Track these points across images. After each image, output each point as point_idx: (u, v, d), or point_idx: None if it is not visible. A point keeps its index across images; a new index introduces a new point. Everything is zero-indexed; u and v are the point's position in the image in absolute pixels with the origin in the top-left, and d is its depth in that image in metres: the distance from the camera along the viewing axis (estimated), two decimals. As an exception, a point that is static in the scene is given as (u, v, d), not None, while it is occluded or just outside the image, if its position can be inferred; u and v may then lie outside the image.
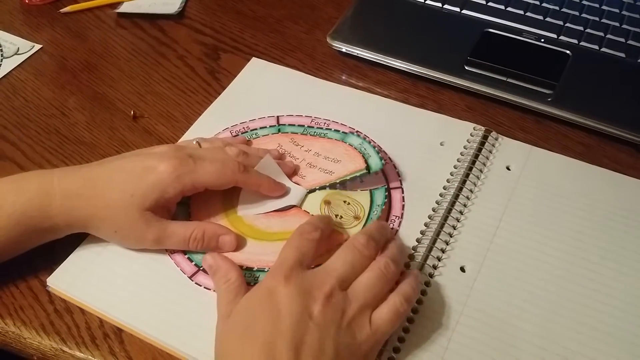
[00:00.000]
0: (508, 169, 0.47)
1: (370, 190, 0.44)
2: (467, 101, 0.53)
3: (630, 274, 0.40)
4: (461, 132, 0.49)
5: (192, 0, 0.63)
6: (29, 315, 0.39)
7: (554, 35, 0.55)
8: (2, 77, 0.55)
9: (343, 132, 0.49)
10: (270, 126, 0.49)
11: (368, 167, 0.44)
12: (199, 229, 0.40)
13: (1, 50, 0.57)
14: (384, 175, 0.46)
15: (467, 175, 0.45)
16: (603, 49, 0.54)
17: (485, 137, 0.48)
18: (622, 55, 0.54)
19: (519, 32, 0.56)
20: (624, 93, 0.52)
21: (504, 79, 0.52)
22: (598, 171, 0.47)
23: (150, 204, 0.39)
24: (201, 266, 0.40)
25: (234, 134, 0.49)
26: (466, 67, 0.53)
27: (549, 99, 0.51)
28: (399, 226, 0.43)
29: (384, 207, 0.43)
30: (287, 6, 0.63)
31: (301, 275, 0.35)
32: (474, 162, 0.46)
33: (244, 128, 0.49)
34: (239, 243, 0.41)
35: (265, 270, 0.40)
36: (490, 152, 0.47)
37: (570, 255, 0.41)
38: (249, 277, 0.39)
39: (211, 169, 0.40)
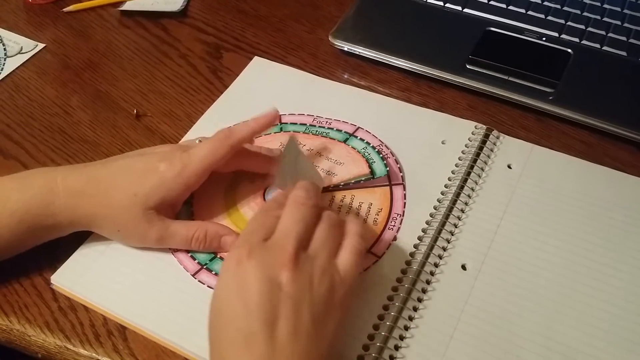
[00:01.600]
0: (509, 167, 0.47)
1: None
2: (468, 100, 0.53)
3: (632, 272, 0.41)
4: (463, 131, 0.49)
5: (195, -1, 0.63)
6: (33, 313, 0.39)
7: (556, 34, 0.55)
8: (5, 76, 0.55)
9: (345, 132, 0.49)
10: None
11: (372, 173, 0.45)
12: (201, 229, 0.40)
13: (5, 50, 0.58)
14: (384, 164, 0.46)
15: (469, 174, 0.46)
16: (604, 48, 0.54)
17: (486, 136, 0.48)
18: (624, 53, 0.54)
19: (521, 30, 0.56)
20: (626, 91, 0.52)
21: (506, 77, 0.52)
22: (599, 170, 0.47)
23: (154, 203, 0.39)
24: (204, 264, 0.41)
25: None
26: (468, 66, 0.53)
27: (551, 98, 0.51)
28: (400, 224, 0.43)
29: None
30: (289, 5, 0.63)
31: (261, 246, 0.34)
32: (475, 161, 0.46)
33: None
34: None
35: None
36: (492, 150, 0.48)
37: (571, 254, 0.41)
38: None
39: (203, 150, 0.40)
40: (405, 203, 0.44)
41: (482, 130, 0.48)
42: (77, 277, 0.40)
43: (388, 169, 0.46)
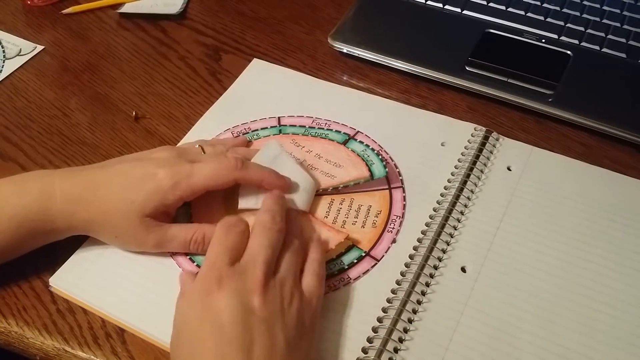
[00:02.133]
0: (509, 169, 0.47)
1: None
2: (468, 102, 0.53)
3: (631, 274, 0.40)
4: (462, 133, 0.49)
5: (194, 1, 0.63)
6: (31, 315, 0.39)
7: (555, 36, 0.55)
8: (4, 78, 0.55)
9: (344, 133, 0.49)
10: (271, 127, 0.50)
11: (372, 175, 0.45)
12: (199, 232, 0.40)
13: (3, 52, 0.57)
14: (383, 165, 0.46)
15: (468, 176, 0.46)
16: (604, 50, 0.54)
17: (486, 138, 0.48)
18: (623, 55, 0.54)
19: (520, 32, 0.56)
20: (625, 93, 0.52)
21: (505, 79, 0.52)
22: (599, 171, 0.47)
23: (150, 211, 0.39)
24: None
25: (235, 134, 0.49)
26: (467, 68, 0.53)
27: (550, 100, 0.51)
28: (399, 226, 0.43)
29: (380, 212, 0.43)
30: (288, 7, 0.63)
31: (231, 274, 0.34)
32: (474, 163, 0.46)
33: (245, 129, 0.49)
34: None
35: None
36: (491, 152, 0.48)
37: (571, 256, 0.41)
38: None
39: (207, 171, 0.40)
40: (404, 205, 0.44)
41: (482, 132, 0.48)
42: (76, 279, 0.40)
43: (387, 170, 0.46)
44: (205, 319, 0.33)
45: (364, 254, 0.41)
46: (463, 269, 0.41)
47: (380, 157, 0.47)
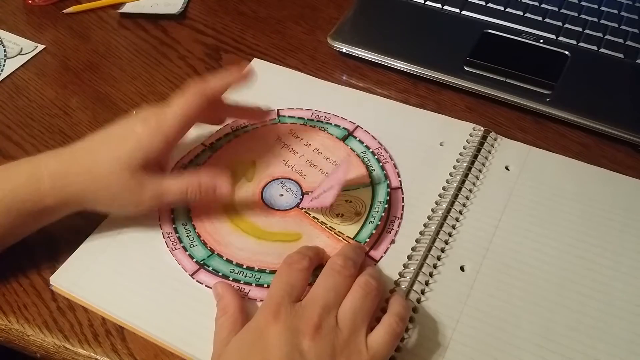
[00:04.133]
0: (507, 168, 0.47)
1: (372, 185, 0.45)
2: (466, 101, 0.53)
3: (629, 272, 0.41)
4: (460, 133, 0.49)
5: (194, 1, 0.64)
6: (32, 312, 0.40)
7: (553, 36, 0.56)
8: (5, 77, 0.55)
9: (344, 128, 0.49)
10: (270, 119, 0.50)
11: (372, 181, 0.45)
12: (194, 179, 0.40)
13: (4, 51, 0.58)
14: (384, 175, 0.46)
15: (467, 175, 0.46)
16: (602, 50, 0.54)
17: (484, 138, 0.48)
18: (621, 55, 0.54)
19: (518, 32, 0.56)
20: (623, 93, 0.52)
21: (503, 79, 0.52)
22: (596, 171, 0.47)
23: (139, 163, 0.39)
24: (201, 262, 0.41)
25: (233, 129, 0.49)
26: (466, 68, 0.53)
27: (548, 100, 0.51)
28: (398, 227, 0.43)
29: (386, 205, 0.44)
30: (288, 7, 0.63)
31: (289, 311, 0.34)
32: (473, 162, 0.47)
33: (244, 123, 0.50)
34: (241, 240, 0.42)
35: (267, 271, 0.40)
36: (490, 152, 0.48)
37: (569, 255, 0.42)
38: (250, 276, 0.40)
39: (178, 102, 0.40)
40: (403, 206, 0.44)
41: (480, 132, 0.49)
42: (76, 278, 0.40)
43: (385, 173, 0.46)
44: (255, 350, 0.33)
45: None
46: (462, 268, 0.41)
47: (379, 161, 0.47)
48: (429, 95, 0.54)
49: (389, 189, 0.45)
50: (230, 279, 0.40)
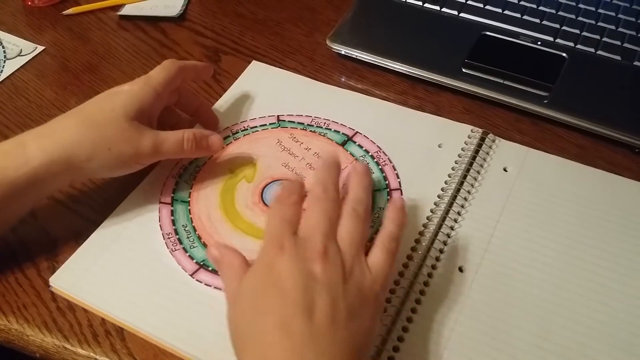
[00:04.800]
0: (505, 170, 0.47)
1: (373, 191, 0.45)
2: (464, 103, 0.53)
3: (627, 273, 0.41)
4: (459, 134, 0.49)
5: (194, 3, 0.64)
6: (31, 312, 0.40)
7: (551, 38, 0.56)
8: (5, 78, 0.55)
9: (343, 133, 0.49)
10: (270, 124, 0.50)
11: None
12: (188, 131, 0.42)
13: (4, 52, 0.58)
14: (384, 179, 0.46)
15: (465, 177, 0.46)
16: (599, 52, 0.55)
17: (482, 139, 0.49)
18: (618, 58, 0.54)
19: (516, 35, 0.57)
20: (620, 95, 0.52)
21: (501, 81, 0.53)
22: (594, 172, 0.47)
23: (135, 112, 0.40)
24: (201, 263, 0.41)
25: (233, 132, 0.49)
26: (464, 70, 0.54)
27: (546, 101, 0.51)
28: None
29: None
30: (287, 9, 0.63)
31: (292, 242, 0.34)
32: (471, 164, 0.47)
33: (244, 126, 0.50)
34: (239, 241, 0.42)
35: None
36: (488, 153, 0.48)
37: (567, 255, 0.42)
38: None
39: (158, 68, 0.44)
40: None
41: (478, 134, 0.49)
42: (76, 279, 0.40)
43: (385, 176, 0.46)
44: (269, 283, 0.33)
45: None
46: (460, 269, 0.41)
47: (378, 164, 0.47)
48: (427, 97, 0.54)
49: (388, 197, 0.45)
50: None
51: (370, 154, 0.48)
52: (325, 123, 0.50)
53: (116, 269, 0.41)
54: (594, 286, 0.40)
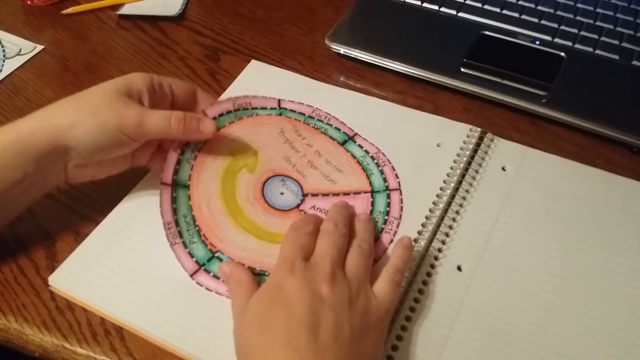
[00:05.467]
0: (504, 169, 0.47)
1: (372, 193, 0.45)
2: (463, 102, 0.53)
3: (625, 272, 0.41)
4: (457, 134, 0.49)
5: (193, 3, 0.64)
6: (31, 312, 0.40)
7: (549, 38, 0.56)
8: (4, 78, 0.55)
9: (344, 132, 0.49)
10: (271, 108, 0.49)
11: (372, 188, 0.45)
12: (176, 112, 0.42)
13: (3, 51, 0.58)
14: (383, 180, 0.46)
15: (464, 176, 0.46)
16: (597, 51, 0.55)
17: (481, 139, 0.49)
18: (616, 57, 0.54)
19: (515, 34, 0.57)
20: (618, 95, 0.52)
21: (500, 80, 0.53)
22: (592, 171, 0.47)
23: (125, 90, 0.40)
24: (202, 264, 0.41)
25: (235, 106, 0.48)
26: (462, 69, 0.54)
27: (544, 101, 0.51)
28: (397, 227, 0.43)
29: (386, 216, 0.44)
30: (286, 8, 0.63)
31: (303, 266, 0.36)
32: (470, 163, 0.47)
33: (245, 103, 0.49)
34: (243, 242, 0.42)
35: (266, 274, 0.40)
36: (486, 153, 0.48)
37: (566, 254, 0.42)
38: None
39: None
40: (402, 207, 0.45)
41: (477, 133, 0.49)
42: (75, 278, 0.40)
43: (384, 177, 0.46)
44: (277, 301, 0.35)
45: None
46: (459, 268, 0.41)
47: (378, 165, 0.47)
48: (426, 96, 0.54)
49: (388, 200, 0.45)
50: None
51: (370, 154, 0.48)
52: (326, 117, 0.50)
53: (115, 268, 0.41)
54: (593, 285, 0.40)
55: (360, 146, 0.48)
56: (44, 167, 0.39)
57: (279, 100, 0.50)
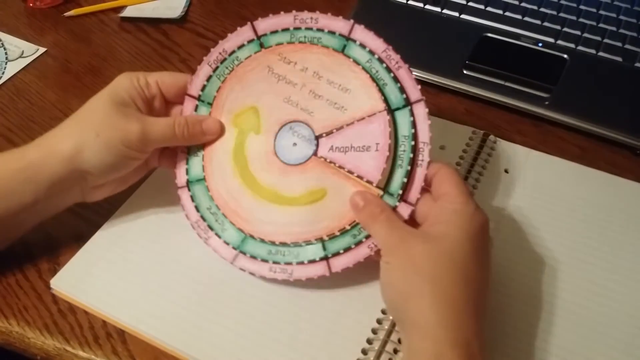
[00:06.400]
0: (506, 171, 0.47)
1: (391, 113, 0.38)
2: (466, 105, 0.53)
3: (629, 275, 0.41)
4: (460, 136, 0.49)
5: (195, 5, 0.64)
6: (32, 315, 0.40)
7: (552, 40, 0.56)
8: (6, 80, 0.56)
9: (340, 34, 0.41)
10: (248, 42, 0.42)
11: (388, 104, 0.38)
12: (179, 117, 0.41)
13: (6, 54, 0.58)
14: (400, 90, 0.38)
15: (466, 178, 0.46)
16: (600, 53, 0.55)
17: (483, 141, 0.48)
18: (619, 59, 0.54)
19: (517, 36, 0.57)
20: (621, 97, 0.52)
21: (502, 82, 0.53)
22: (595, 174, 0.47)
23: (122, 99, 0.40)
24: (237, 247, 0.40)
25: (213, 66, 0.42)
26: (465, 71, 0.54)
27: (547, 103, 0.51)
28: (428, 157, 0.38)
29: (412, 142, 0.38)
30: (287, 10, 0.63)
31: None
32: (472, 165, 0.47)
33: (221, 54, 0.42)
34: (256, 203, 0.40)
35: (301, 244, 0.38)
36: (489, 155, 0.48)
37: (568, 257, 0.42)
38: (288, 254, 0.38)
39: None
40: (430, 125, 0.38)
41: (479, 135, 0.49)
42: (77, 281, 0.40)
43: (400, 85, 0.39)
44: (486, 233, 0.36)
45: (397, 203, 0.37)
46: (461, 270, 0.41)
47: (389, 70, 0.39)
48: (428, 98, 0.53)
49: (412, 117, 0.37)
50: (271, 262, 0.39)
51: (376, 56, 0.40)
52: (313, 19, 0.41)
53: (117, 271, 0.41)
54: (594, 287, 0.40)
55: (363, 45, 0.40)
56: (58, 191, 0.39)
57: (252, 24, 0.43)
